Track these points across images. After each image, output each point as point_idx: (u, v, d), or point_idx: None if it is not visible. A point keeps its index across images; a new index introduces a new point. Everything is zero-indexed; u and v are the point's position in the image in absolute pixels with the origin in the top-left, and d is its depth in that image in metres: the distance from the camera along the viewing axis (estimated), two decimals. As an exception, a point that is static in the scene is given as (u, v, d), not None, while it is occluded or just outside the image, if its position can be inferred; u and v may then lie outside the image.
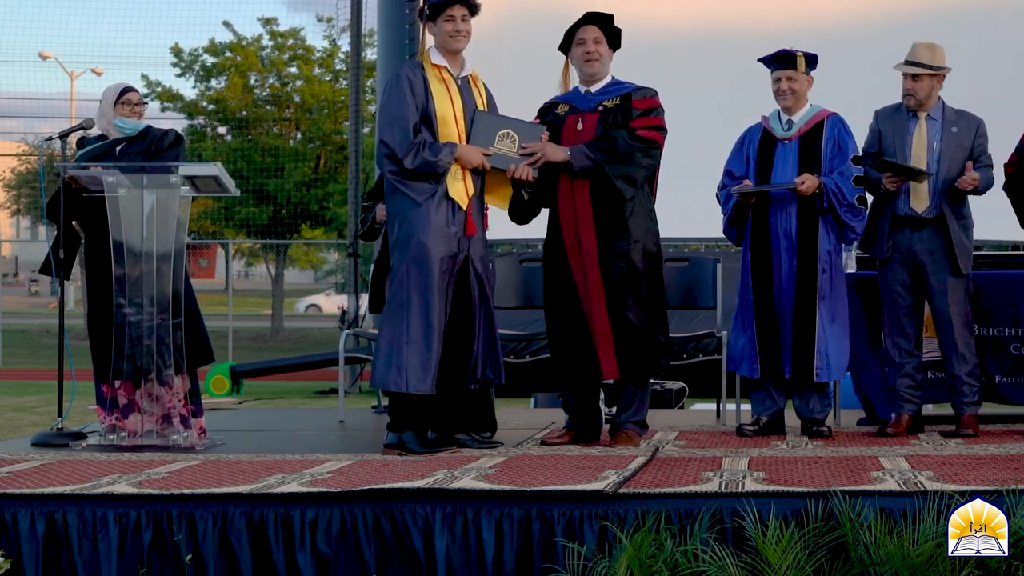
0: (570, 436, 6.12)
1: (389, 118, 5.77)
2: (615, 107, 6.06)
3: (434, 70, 5.85)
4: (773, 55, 6.41)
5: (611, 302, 5.97)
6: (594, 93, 6.13)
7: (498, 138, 5.85)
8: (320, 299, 37.61)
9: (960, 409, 6.32)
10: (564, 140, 6.03)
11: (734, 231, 6.50)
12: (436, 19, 5.85)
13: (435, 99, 5.79)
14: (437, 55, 5.88)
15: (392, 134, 5.73)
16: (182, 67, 27.15)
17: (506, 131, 5.87)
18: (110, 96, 6.41)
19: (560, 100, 6.22)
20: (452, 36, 5.83)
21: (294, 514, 4.50)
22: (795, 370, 6.32)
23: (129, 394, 6.17)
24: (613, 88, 6.12)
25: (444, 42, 5.86)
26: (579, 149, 5.96)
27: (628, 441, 5.98)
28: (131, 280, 6.08)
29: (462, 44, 5.87)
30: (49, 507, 4.57)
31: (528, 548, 4.41)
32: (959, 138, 6.24)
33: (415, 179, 5.73)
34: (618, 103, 6.06)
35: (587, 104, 6.11)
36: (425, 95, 5.78)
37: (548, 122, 6.13)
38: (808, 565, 4.16)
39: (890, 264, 6.32)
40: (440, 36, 5.86)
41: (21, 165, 35.22)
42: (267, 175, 25.72)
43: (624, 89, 6.11)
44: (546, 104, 6.26)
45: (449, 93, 5.83)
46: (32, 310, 33.55)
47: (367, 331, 9.03)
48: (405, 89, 5.76)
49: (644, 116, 6.04)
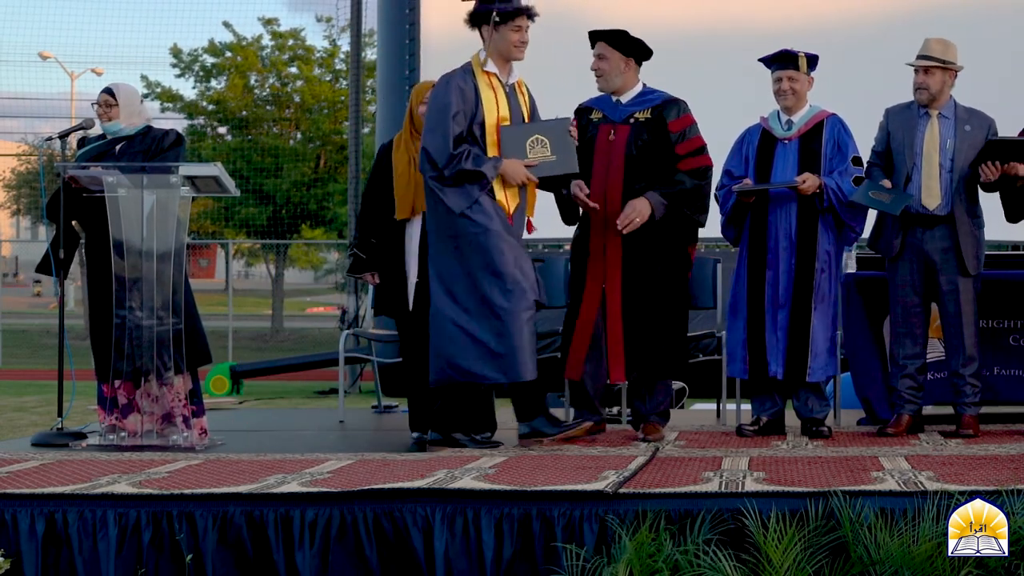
0: (587, 429, 6.27)
1: (433, 125, 5.75)
2: (646, 121, 6.20)
3: (485, 77, 5.83)
4: (774, 55, 6.41)
5: (627, 307, 6.14)
6: (624, 104, 6.27)
7: (529, 147, 5.80)
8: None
9: (961, 409, 6.31)
10: (598, 150, 6.21)
11: (731, 231, 6.51)
12: (502, 26, 5.80)
13: (484, 107, 5.77)
14: (490, 62, 5.84)
15: (434, 141, 5.71)
16: (181, 68, 27.16)
17: (534, 137, 5.82)
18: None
19: (593, 105, 6.35)
20: (517, 46, 5.82)
21: (294, 514, 4.50)
22: (788, 370, 6.31)
23: (129, 394, 6.17)
24: (643, 99, 6.26)
25: (507, 50, 5.83)
26: (657, 200, 6.09)
27: (655, 432, 6.20)
28: (131, 280, 6.08)
29: (523, 54, 5.88)
30: (49, 507, 4.57)
31: (528, 548, 4.41)
32: (972, 136, 6.21)
33: (455, 185, 5.70)
34: (649, 117, 6.20)
35: (618, 115, 6.26)
36: (475, 103, 5.76)
37: (583, 126, 6.26)
38: (808, 565, 4.16)
39: (899, 262, 6.29)
40: (504, 43, 5.82)
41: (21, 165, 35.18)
42: (267, 175, 25.72)
43: (654, 100, 6.25)
44: (581, 107, 6.39)
45: (497, 101, 5.81)
46: (32, 310, 33.54)
47: (367, 331, 9.04)
48: (454, 97, 5.72)
49: (685, 140, 6.20)
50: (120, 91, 6.40)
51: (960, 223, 6.20)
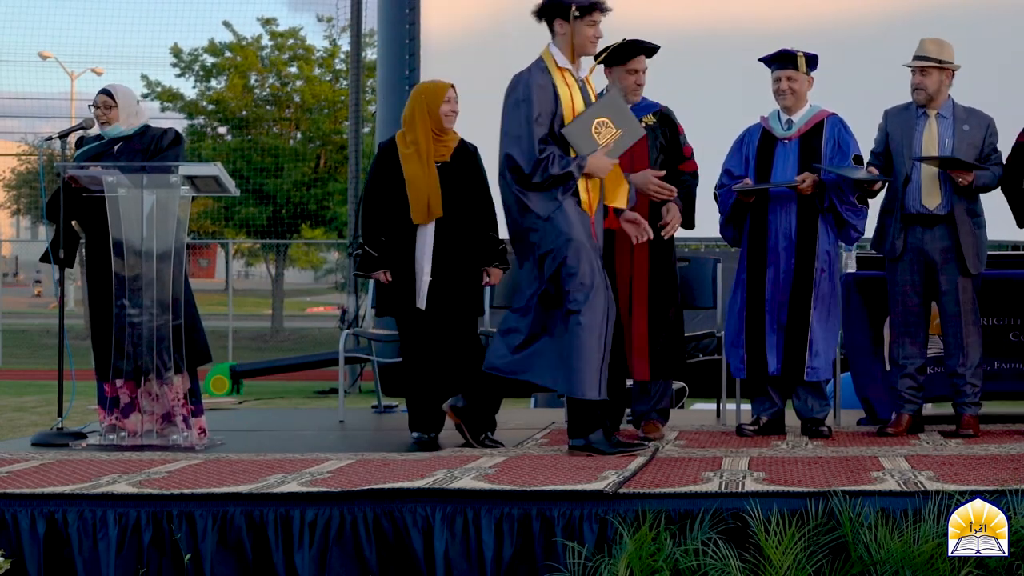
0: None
1: (517, 131, 5.58)
2: (655, 125, 6.32)
3: (559, 73, 5.68)
4: (773, 55, 6.40)
5: (652, 308, 6.26)
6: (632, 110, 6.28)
7: (596, 134, 5.63)
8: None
9: (961, 409, 6.30)
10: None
11: (730, 231, 6.51)
12: (579, 20, 5.65)
13: (563, 104, 5.63)
14: (563, 58, 5.70)
15: (518, 149, 5.55)
16: (181, 67, 27.17)
17: (596, 122, 5.64)
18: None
19: None
20: (593, 41, 5.71)
21: (294, 514, 4.50)
22: (787, 369, 6.31)
23: (131, 392, 6.17)
24: (644, 106, 6.35)
25: (583, 45, 5.69)
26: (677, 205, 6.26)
27: (655, 430, 6.26)
28: (131, 280, 6.08)
29: (596, 49, 5.79)
30: (49, 507, 4.57)
31: (528, 548, 4.41)
32: (971, 136, 6.21)
33: (540, 189, 5.57)
34: (655, 121, 6.33)
35: None
36: (555, 101, 5.61)
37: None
38: (809, 565, 4.16)
39: (900, 263, 6.29)
40: (580, 38, 5.67)
41: (21, 165, 35.20)
42: (267, 175, 25.72)
43: (653, 107, 6.38)
44: None
45: (572, 97, 5.67)
46: (32, 310, 33.55)
47: (367, 331, 9.03)
48: (536, 99, 5.57)
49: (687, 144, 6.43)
50: (118, 92, 6.39)
51: (960, 223, 6.19)
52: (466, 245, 6.29)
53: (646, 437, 6.19)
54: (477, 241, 6.34)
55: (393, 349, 8.61)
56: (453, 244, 6.25)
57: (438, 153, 6.27)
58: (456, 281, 6.26)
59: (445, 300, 6.23)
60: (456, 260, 6.26)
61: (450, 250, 6.25)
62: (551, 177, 5.55)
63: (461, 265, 6.27)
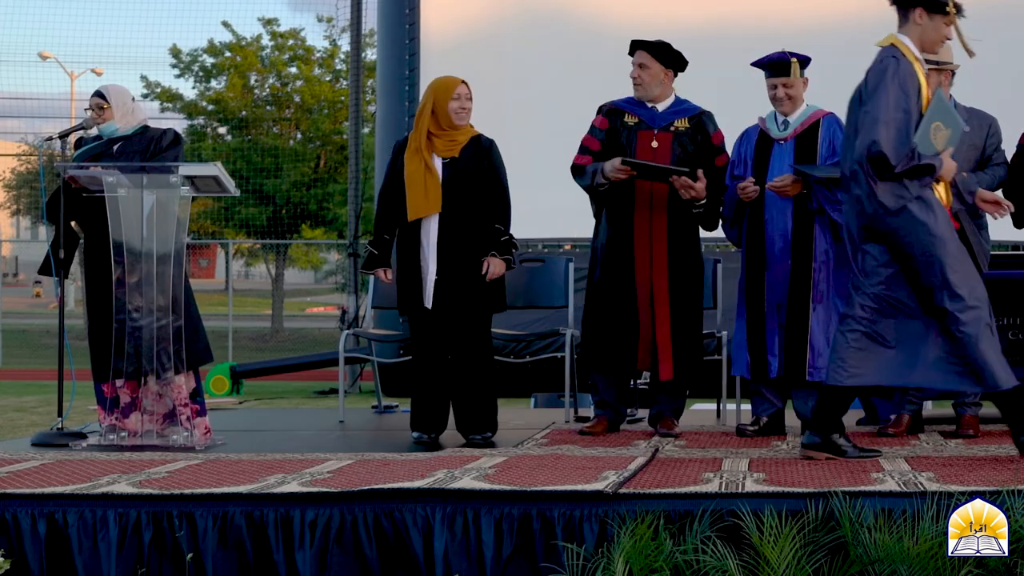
0: (604, 425, 6.44)
1: (886, 115, 5.24)
2: (687, 131, 6.38)
3: (917, 64, 5.39)
4: (767, 63, 6.39)
5: (675, 307, 6.34)
6: (661, 112, 6.41)
7: (935, 139, 5.34)
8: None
9: (961, 410, 6.31)
10: (639, 155, 6.33)
11: (735, 232, 6.52)
12: (938, 16, 5.41)
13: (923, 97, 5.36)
14: (916, 49, 5.44)
15: (887, 133, 5.22)
16: (181, 68, 27.17)
17: (932, 127, 5.33)
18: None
19: (626, 108, 6.44)
20: (941, 42, 5.50)
21: (294, 514, 4.50)
22: (787, 369, 6.32)
23: (133, 392, 6.17)
24: (679, 109, 6.43)
25: (933, 43, 5.45)
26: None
27: (670, 427, 6.39)
28: (131, 280, 6.07)
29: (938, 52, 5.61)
30: (49, 507, 4.57)
31: (528, 548, 4.41)
32: (972, 137, 6.18)
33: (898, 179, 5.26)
34: (688, 127, 6.38)
35: (657, 122, 6.40)
36: (918, 94, 5.35)
37: (616, 128, 6.38)
38: (808, 564, 4.16)
39: None
40: (935, 34, 5.41)
41: (21, 165, 35.23)
42: (267, 175, 25.73)
43: (689, 111, 6.43)
44: (611, 107, 6.46)
45: (922, 92, 5.39)
46: (32, 310, 33.55)
47: (367, 331, 9.03)
48: (910, 86, 5.30)
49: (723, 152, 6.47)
50: (111, 92, 6.39)
51: (963, 223, 6.19)
52: (473, 242, 6.20)
53: (667, 433, 6.30)
54: (486, 238, 6.25)
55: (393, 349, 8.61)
56: (459, 242, 6.19)
57: (445, 149, 6.23)
58: (464, 279, 6.18)
59: (453, 299, 6.20)
60: (463, 258, 6.19)
61: (456, 248, 6.19)
62: (916, 167, 5.24)
63: (469, 263, 6.19)
